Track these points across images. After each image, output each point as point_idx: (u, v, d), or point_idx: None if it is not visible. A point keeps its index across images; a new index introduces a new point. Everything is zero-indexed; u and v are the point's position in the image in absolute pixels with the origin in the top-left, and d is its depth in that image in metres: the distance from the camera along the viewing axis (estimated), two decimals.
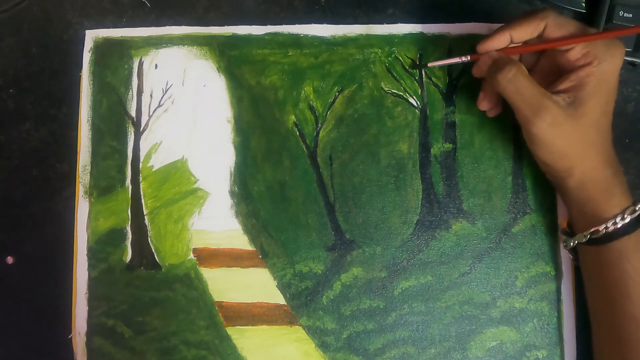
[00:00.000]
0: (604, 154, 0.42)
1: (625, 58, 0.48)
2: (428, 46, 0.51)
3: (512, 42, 0.43)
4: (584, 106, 0.41)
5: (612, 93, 0.42)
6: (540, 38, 0.43)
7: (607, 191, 0.42)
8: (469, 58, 0.45)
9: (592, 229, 0.42)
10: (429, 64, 0.48)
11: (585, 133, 0.41)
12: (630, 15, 0.48)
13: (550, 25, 0.42)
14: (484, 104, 0.47)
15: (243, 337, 0.49)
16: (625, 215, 0.41)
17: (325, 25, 0.51)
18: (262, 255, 0.50)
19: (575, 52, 0.42)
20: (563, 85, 0.42)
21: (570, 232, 0.46)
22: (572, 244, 0.44)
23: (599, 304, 0.44)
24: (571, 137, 0.41)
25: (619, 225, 0.41)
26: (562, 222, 0.48)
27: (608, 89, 0.42)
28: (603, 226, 0.41)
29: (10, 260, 0.50)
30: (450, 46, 0.51)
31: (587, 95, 0.41)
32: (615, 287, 0.41)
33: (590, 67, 0.41)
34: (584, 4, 0.50)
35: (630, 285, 0.41)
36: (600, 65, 0.41)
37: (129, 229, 0.50)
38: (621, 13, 0.48)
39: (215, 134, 0.51)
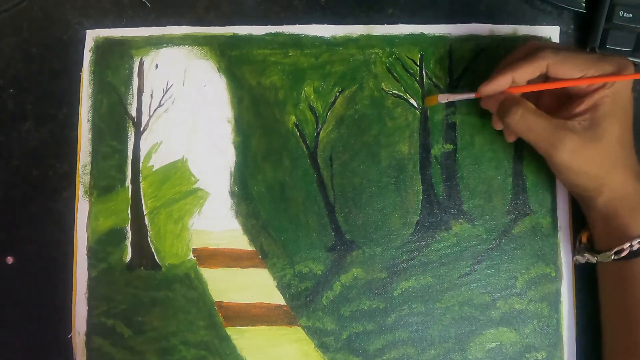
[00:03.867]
0: (631, 168, 0.42)
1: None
2: (429, 47, 0.51)
3: (514, 82, 0.43)
4: (602, 126, 0.40)
5: (629, 107, 0.42)
6: (544, 77, 0.43)
7: (636, 207, 0.41)
8: (473, 96, 0.45)
9: (617, 248, 0.41)
10: (439, 98, 0.47)
11: (609, 151, 0.41)
12: (630, 15, 0.48)
13: (553, 64, 0.41)
14: (511, 138, 0.47)
15: (243, 337, 0.49)
16: None
17: (326, 26, 0.51)
18: (262, 256, 0.50)
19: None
20: (577, 109, 0.41)
21: (590, 247, 0.45)
22: (595, 260, 0.44)
23: (616, 319, 0.43)
24: (595, 158, 0.41)
25: None
26: (582, 236, 0.47)
27: (623, 105, 0.41)
28: (628, 244, 0.41)
29: (10, 260, 0.50)
30: (451, 47, 0.50)
31: (602, 115, 0.40)
32: (637, 303, 0.41)
33: (602, 90, 0.41)
34: (583, 4, 0.50)
35: None
36: (613, 86, 0.40)
37: (129, 228, 0.50)
38: (621, 13, 0.48)
39: (216, 134, 0.51)
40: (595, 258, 0.44)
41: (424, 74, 0.51)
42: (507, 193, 0.49)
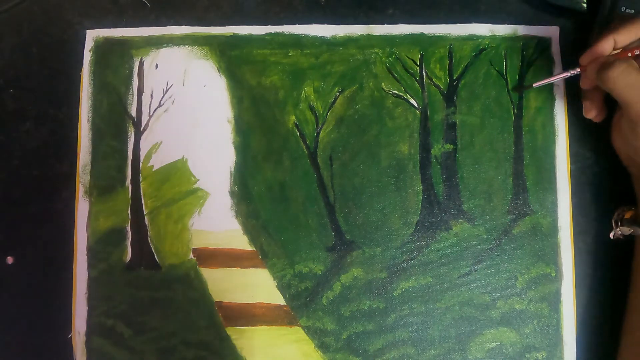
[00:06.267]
0: None
1: None
2: (429, 47, 0.51)
3: (615, 46, 0.44)
4: None
5: None
6: None
7: None
8: (577, 71, 0.46)
9: None
10: (534, 85, 0.48)
11: None
12: (632, 11, 0.48)
13: None
14: (592, 112, 0.47)
15: (243, 337, 0.49)
16: None
17: (326, 26, 0.51)
18: (262, 256, 0.50)
19: None
20: None
21: (634, 222, 0.46)
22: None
23: None
24: None
25: None
26: (625, 213, 0.47)
27: None
28: None
29: (10, 260, 0.50)
30: (451, 47, 0.50)
31: None
32: None
33: None
34: (584, 4, 0.50)
35: None
36: None
37: (128, 228, 0.50)
38: (623, 9, 0.48)
39: (216, 134, 0.51)
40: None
41: (424, 74, 0.51)
42: (507, 193, 0.49)
